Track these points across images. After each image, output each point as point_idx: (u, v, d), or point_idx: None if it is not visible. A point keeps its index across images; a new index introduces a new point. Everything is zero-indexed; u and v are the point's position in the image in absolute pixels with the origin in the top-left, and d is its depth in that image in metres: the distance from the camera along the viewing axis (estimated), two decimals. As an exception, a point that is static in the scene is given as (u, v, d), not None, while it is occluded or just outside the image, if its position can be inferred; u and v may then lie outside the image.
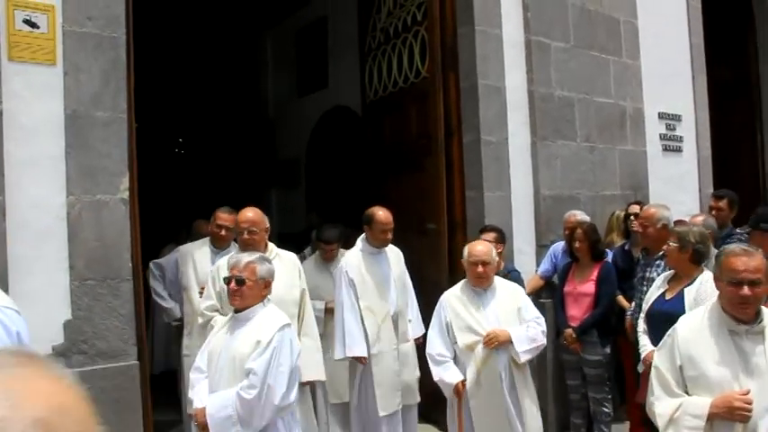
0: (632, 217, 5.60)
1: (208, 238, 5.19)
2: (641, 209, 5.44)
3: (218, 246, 5.07)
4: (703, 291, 3.71)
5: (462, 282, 4.29)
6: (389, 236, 4.81)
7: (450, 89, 5.68)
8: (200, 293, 4.67)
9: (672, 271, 4.14)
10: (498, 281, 4.29)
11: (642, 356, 4.16)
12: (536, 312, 4.28)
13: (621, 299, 5.23)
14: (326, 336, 4.96)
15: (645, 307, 4.22)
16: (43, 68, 3.73)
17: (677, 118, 7.27)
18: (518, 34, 5.92)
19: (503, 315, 4.15)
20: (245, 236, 4.11)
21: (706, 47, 7.68)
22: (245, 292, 3.30)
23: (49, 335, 3.67)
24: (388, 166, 6.33)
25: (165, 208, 8.83)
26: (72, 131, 3.78)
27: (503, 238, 5.20)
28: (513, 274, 5.10)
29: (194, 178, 10.63)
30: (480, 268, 4.10)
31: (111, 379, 3.78)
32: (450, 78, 5.68)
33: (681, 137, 7.31)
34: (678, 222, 4.82)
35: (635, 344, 4.45)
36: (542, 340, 4.14)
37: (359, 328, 4.61)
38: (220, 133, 10.70)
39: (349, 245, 5.59)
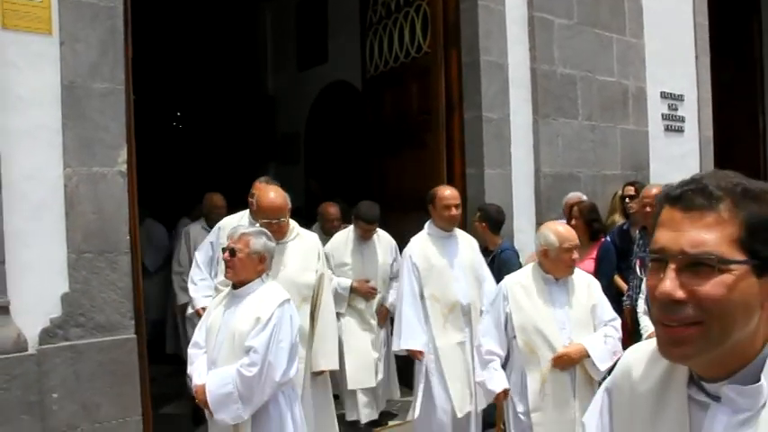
0: (627, 199, 5.57)
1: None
2: (636, 190, 5.41)
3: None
4: None
5: (531, 266, 3.66)
6: (455, 213, 4.45)
7: (452, 65, 5.62)
8: None
9: None
10: (577, 273, 3.66)
11: (644, 338, 4.15)
12: (612, 313, 3.73)
13: (619, 280, 5.21)
14: (347, 314, 5.09)
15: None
16: (39, 38, 3.66)
17: (680, 98, 7.22)
18: (521, 10, 5.85)
19: (576, 314, 3.57)
20: (275, 226, 3.76)
21: (711, 27, 7.61)
22: (236, 264, 3.23)
23: (47, 307, 3.65)
24: (388, 143, 6.28)
25: (165, 182, 8.80)
26: (69, 103, 3.73)
27: (486, 215, 5.09)
28: (505, 254, 5.01)
29: (193, 153, 10.56)
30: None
31: (109, 352, 3.77)
32: (452, 54, 5.62)
33: (683, 117, 7.26)
34: None
35: (634, 327, 4.43)
36: (621, 351, 3.37)
37: (418, 320, 4.31)
38: (219, 108, 10.61)
39: (347, 222, 5.58)
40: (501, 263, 4.85)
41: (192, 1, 9.79)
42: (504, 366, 3.67)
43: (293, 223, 4.06)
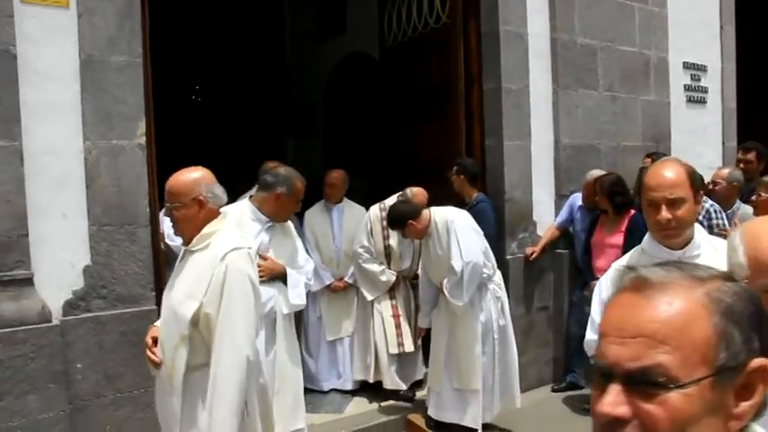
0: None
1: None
2: (652, 161, 5.33)
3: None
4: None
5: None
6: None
7: (471, 35, 5.56)
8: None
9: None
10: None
11: None
12: None
13: None
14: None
15: None
16: (56, 11, 3.66)
17: (703, 68, 7.09)
18: (541, -22, 5.75)
19: None
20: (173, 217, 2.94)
21: (736, -5, 7.44)
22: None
23: (70, 280, 3.70)
24: (406, 114, 6.24)
25: (185, 156, 8.79)
26: (87, 76, 3.74)
27: (463, 168, 5.24)
28: (480, 205, 5.11)
29: (212, 126, 10.57)
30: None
31: (130, 323, 3.82)
32: (471, 24, 5.55)
33: (706, 88, 7.13)
34: None
35: None
36: None
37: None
38: (238, 79, 10.59)
39: (360, 195, 5.60)
40: (476, 213, 4.91)
41: (210, -28, 9.72)
42: None
43: (217, 225, 2.87)
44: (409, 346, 5.17)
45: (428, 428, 4.70)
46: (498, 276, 4.67)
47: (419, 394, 5.23)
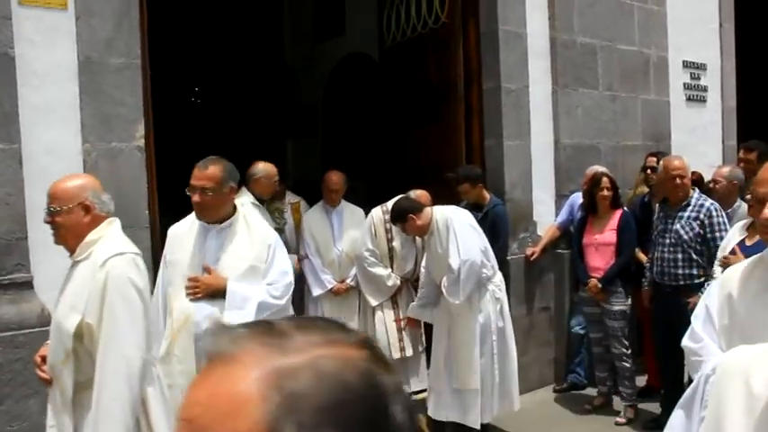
0: (649, 170, 5.49)
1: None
2: (658, 161, 5.33)
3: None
4: None
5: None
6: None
7: (470, 35, 5.56)
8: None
9: (749, 219, 3.99)
10: None
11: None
12: None
13: (639, 252, 5.16)
14: None
15: (721, 255, 4.08)
16: (55, 12, 3.66)
17: (702, 67, 7.08)
18: (540, -22, 5.74)
19: None
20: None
21: (735, -7, 7.44)
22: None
23: (68, 282, 3.69)
24: (406, 114, 6.23)
25: (183, 158, 8.78)
26: (85, 78, 3.74)
27: (467, 176, 5.14)
28: (498, 208, 5.11)
29: (211, 128, 10.56)
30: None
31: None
32: (470, 24, 5.55)
33: (705, 86, 7.13)
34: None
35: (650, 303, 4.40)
36: None
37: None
38: (237, 81, 10.58)
39: (359, 197, 5.60)
40: (494, 217, 4.97)
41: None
42: None
43: (101, 231, 2.65)
44: (410, 350, 5.17)
45: (428, 429, 4.69)
46: (499, 278, 4.64)
47: (419, 396, 5.22)
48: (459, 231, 4.37)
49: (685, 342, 2.22)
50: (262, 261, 3.14)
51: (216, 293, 3.06)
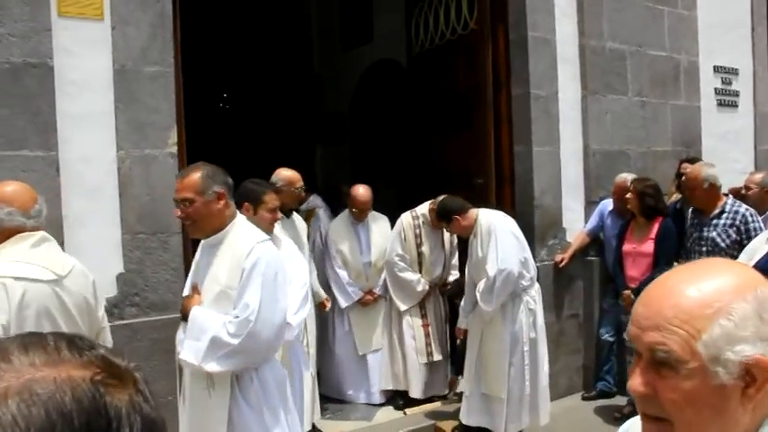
0: (683, 177, 5.43)
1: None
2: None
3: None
4: None
5: None
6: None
7: (499, 41, 5.55)
8: None
9: None
10: None
11: None
12: None
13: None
14: None
15: (746, 259, 4.01)
16: (91, 23, 3.74)
17: (734, 72, 7.00)
18: (569, -17, 5.73)
19: None
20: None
21: (768, -4, 7.34)
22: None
23: (104, 287, 3.74)
24: (434, 121, 6.24)
25: (214, 163, 8.85)
26: (121, 86, 3.81)
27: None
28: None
29: (240, 134, 10.66)
30: None
31: (163, 331, 3.85)
32: (499, 30, 5.55)
33: (737, 91, 7.04)
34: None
35: None
36: None
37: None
38: (265, 88, 10.67)
39: (388, 205, 5.59)
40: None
41: (238, -18, 9.81)
42: None
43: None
44: (438, 355, 5.17)
45: None
46: (536, 290, 4.59)
47: (447, 402, 5.23)
48: (500, 238, 4.36)
49: None
50: (232, 287, 2.72)
51: (187, 317, 2.81)
